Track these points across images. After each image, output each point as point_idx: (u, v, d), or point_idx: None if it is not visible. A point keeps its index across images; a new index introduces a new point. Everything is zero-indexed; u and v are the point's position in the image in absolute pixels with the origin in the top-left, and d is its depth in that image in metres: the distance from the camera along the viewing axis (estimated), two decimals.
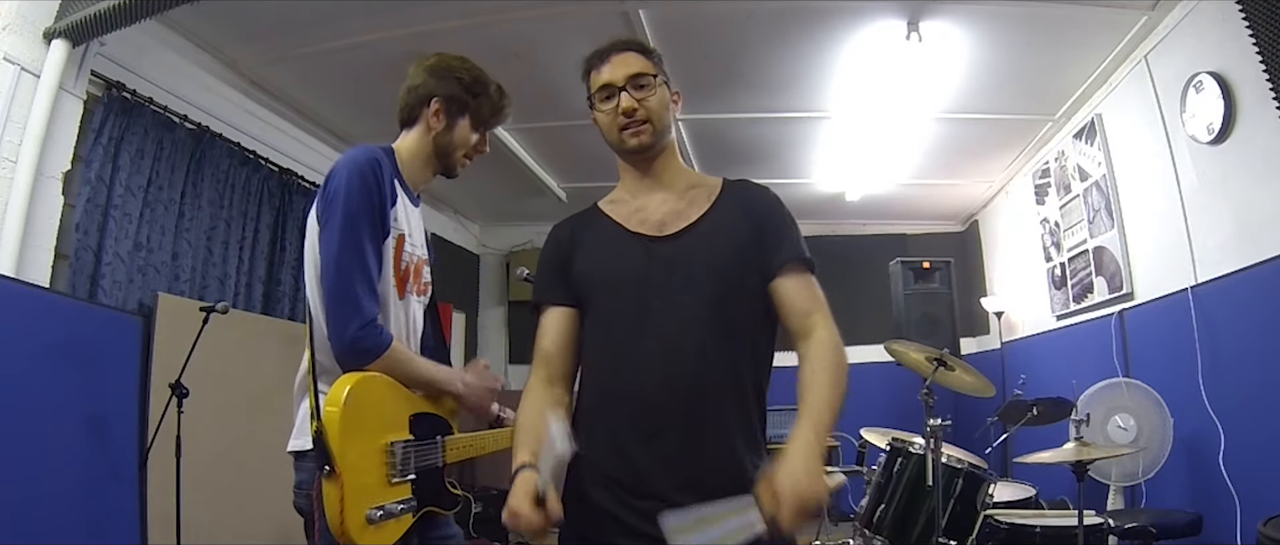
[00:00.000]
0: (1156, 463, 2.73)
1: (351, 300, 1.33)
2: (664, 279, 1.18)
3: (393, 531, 1.33)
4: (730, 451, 1.13)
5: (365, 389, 1.34)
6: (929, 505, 2.46)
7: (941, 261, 5.01)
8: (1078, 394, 2.94)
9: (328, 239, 1.36)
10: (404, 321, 1.48)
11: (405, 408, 1.44)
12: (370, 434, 1.33)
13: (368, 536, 1.28)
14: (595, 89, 1.25)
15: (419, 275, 1.54)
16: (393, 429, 1.38)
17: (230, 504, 2.94)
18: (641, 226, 1.24)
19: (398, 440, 1.37)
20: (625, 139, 1.23)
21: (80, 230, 2.62)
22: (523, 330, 6.28)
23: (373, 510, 1.29)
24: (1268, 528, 1.85)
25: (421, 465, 1.41)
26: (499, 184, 5.17)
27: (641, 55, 1.25)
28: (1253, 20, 2.13)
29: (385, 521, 1.31)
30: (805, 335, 1.17)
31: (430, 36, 3.18)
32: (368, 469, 1.31)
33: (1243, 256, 2.58)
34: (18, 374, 2.20)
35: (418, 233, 1.55)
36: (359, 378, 1.33)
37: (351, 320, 1.33)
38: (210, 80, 3.31)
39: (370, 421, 1.34)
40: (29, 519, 2.18)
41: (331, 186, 1.39)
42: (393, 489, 1.35)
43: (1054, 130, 4.05)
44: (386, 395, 1.40)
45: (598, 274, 1.24)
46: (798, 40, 3.15)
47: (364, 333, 1.34)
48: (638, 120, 1.21)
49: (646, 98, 1.21)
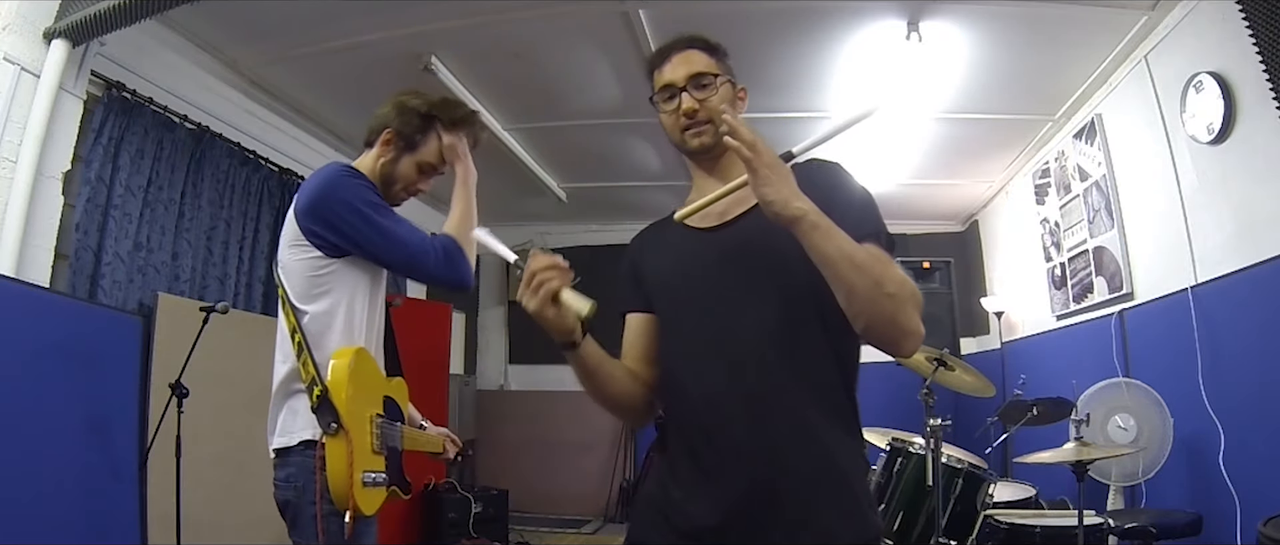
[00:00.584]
0: (1156, 463, 2.73)
1: (437, 253, 1.55)
2: (719, 272, 1.13)
3: (377, 498, 1.42)
4: (812, 456, 1.04)
5: (362, 360, 1.45)
6: (929, 505, 2.46)
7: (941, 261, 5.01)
8: (1078, 394, 2.94)
9: (373, 238, 1.49)
10: (377, 318, 1.60)
11: (381, 388, 1.55)
12: (364, 401, 1.43)
13: (364, 498, 1.36)
14: (657, 88, 1.22)
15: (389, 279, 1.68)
16: (374, 403, 1.48)
17: (230, 504, 2.94)
18: (703, 221, 1.18)
19: (378, 414, 1.47)
20: (687, 139, 1.19)
21: (80, 230, 2.62)
22: (523, 330, 6.29)
23: (367, 473, 1.37)
24: (1268, 528, 1.85)
25: (389, 443, 1.51)
26: (499, 184, 5.17)
27: (705, 52, 1.20)
28: (1253, 20, 2.13)
29: (373, 487, 1.39)
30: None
31: (430, 36, 3.18)
32: (363, 433, 1.41)
33: (1243, 256, 2.57)
34: (18, 374, 2.20)
35: None
36: (358, 349, 1.44)
37: (462, 268, 1.59)
38: (210, 80, 3.31)
39: (364, 390, 1.44)
40: (29, 519, 2.18)
41: (330, 201, 1.48)
42: (376, 458, 1.43)
43: (1054, 130, 4.05)
44: (372, 370, 1.52)
45: (658, 277, 1.22)
46: (798, 40, 3.15)
47: (467, 270, 1.59)
48: (699, 121, 1.17)
49: (708, 98, 1.17)
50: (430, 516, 4.32)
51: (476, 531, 4.36)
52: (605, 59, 3.41)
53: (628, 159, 4.69)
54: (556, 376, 6.07)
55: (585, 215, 5.94)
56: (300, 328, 1.47)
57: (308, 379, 1.43)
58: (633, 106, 3.89)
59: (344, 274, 1.51)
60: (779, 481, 1.03)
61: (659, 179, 4.96)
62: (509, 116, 4.09)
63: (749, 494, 1.04)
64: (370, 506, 1.39)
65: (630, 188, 5.19)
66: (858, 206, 1.10)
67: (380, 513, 1.47)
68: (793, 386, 1.05)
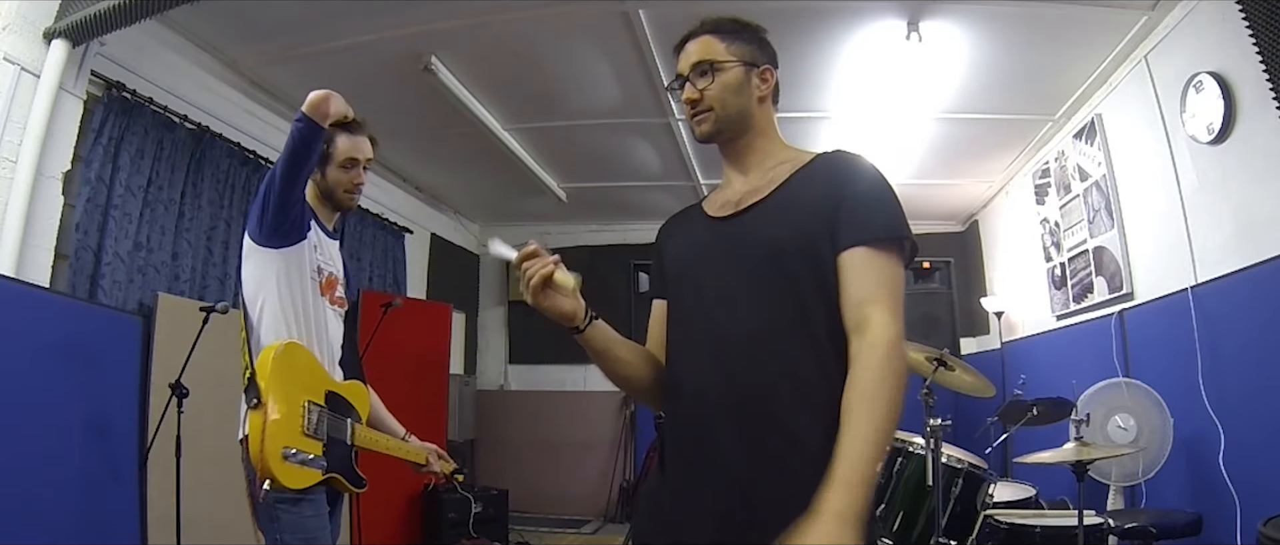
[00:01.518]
0: (1156, 463, 2.73)
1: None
2: (721, 262, 1.11)
3: (304, 477, 1.57)
4: (791, 457, 1.00)
5: (292, 351, 1.63)
6: (929, 505, 2.46)
7: (941, 261, 5.02)
8: (1078, 394, 2.94)
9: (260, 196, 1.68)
10: (315, 316, 1.73)
11: (323, 383, 1.71)
12: (292, 387, 1.59)
13: (282, 470, 1.52)
14: (675, 78, 1.23)
15: (333, 287, 1.82)
16: (310, 393, 1.64)
17: (230, 504, 2.93)
18: (721, 209, 1.18)
19: (314, 402, 1.63)
20: (693, 127, 1.21)
21: (80, 230, 2.62)
22: (522, 330, 6.29)
23: (288, 449, 1.53)
24: (1268, 528, 1.85)
25: (333, 433, 1.67)
26: (499, 184, 5.17)
27: (717, 36, 1.19)
28: (1253, 20, 2.13)
29: (298, 465, 1.55)
30: (858, 330, 1.00)
31: (430, 36, 3.18)
32: (287, 414, 1.56)
33: (1243, 256, 2.57)
34: (18, 374, 2.20)
35: (331, 257, 1.83)
36: (290, 341, 1.64)
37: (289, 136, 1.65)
38: (210, 80, 3.31)
39: (292, 377, 1.60)
40: (29, 519, 2.18)
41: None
42: (306, 440, 1.59)
43: (1054, 130, 4.05)
44: (308, 365, 1.68)
45: (673, 265, 1.22)
46: (798, 40, 3.15)
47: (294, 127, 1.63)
48: (700, 110, 1.18)
49: (707, 86, 1.17)
50: (430, 516, 4.32)
51: (476, 531, 4.36)
52: (605, 59, 3.41)
53: (628, 159, 4.69)
54: (556, 376, 6.08)
55: (585, 215, 5.94)
56: (247, 323, 1.68)
57: (243, 365, 1.63)
58: (633, 106, 3.90)
59: (265, 259, 1.68)
60: (762, 489, 1.00)
61: (659, 179, 4.96)
62: (509, 116, 4.09)
63: (732, 500, 1.02)
64: (291, 480, 1.53)
65: (630, 188, 5.19)
66: (865, 205, 1.06)
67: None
68: (782, 387, 1.02)
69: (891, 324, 0.99)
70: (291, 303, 1.68)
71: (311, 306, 1.72)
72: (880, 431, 0.94)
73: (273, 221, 1.64)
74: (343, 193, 1.82)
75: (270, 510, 1.53)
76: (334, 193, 1.82)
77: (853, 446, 0.92)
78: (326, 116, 1.61)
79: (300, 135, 1.57)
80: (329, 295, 1.80)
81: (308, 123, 1.57)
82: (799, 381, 1.02)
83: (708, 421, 1.06)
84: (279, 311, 1.67)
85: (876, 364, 0.97)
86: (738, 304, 1.07)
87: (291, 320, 1.68)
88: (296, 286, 1.69)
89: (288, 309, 1.68)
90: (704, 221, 1.20)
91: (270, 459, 1.49)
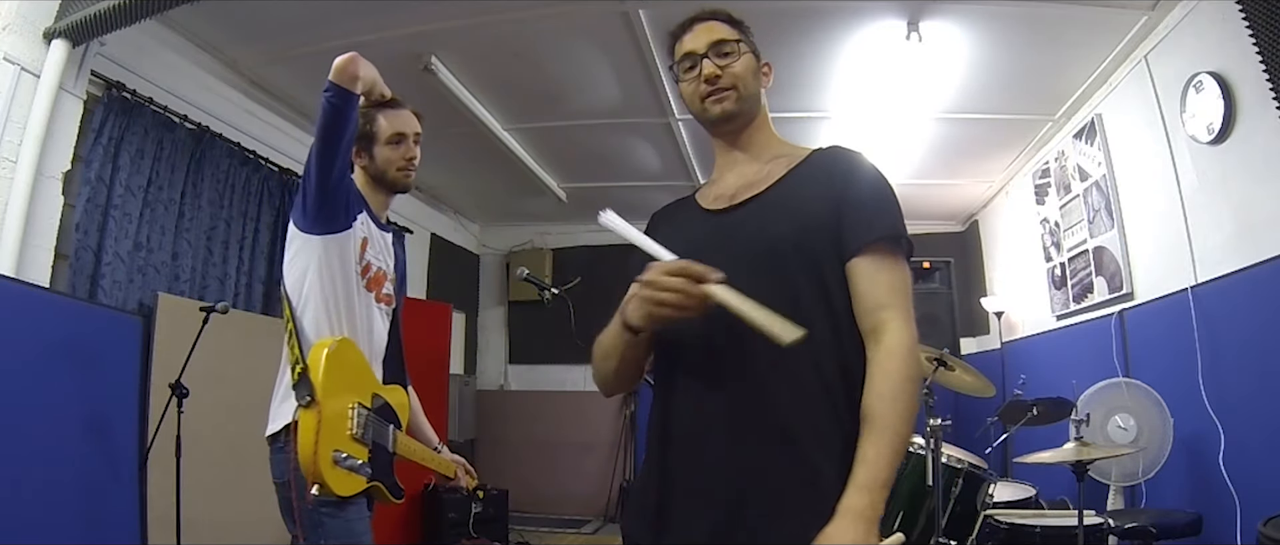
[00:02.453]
0: (1156, 463, 2.73)
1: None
2: (716, 257, 1.04)
3: (350, 484, 1.46)
4: (782, 455, 0.99)
5: (345, 348, 1.52)
6: (929, 505, 2.46)
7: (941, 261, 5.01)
8: (1078, 394, 2.93)
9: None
10: (360, 312, 1.63)
11: (371, 384, 1.61)
12: (344, 386, 1.49)
13: (331, 475, 1.41)
14: (678, 58, 1.19)
15: (380, 283, 1.71)
16: (359, 394, 1.54)
17: (230, 504, 2.94)
18: (715, 203, 1.15)
19: (363, 405, 1.53)
20: (708, 107, 1.15)
21: (80, 230, 2.62)
22: (523, 330, 6.29)
23: (338, 452, 1.43)
24: (1268, 528, 1.85)
25: (377, 438, 1.57)
26: (499, 184, 5.17)
27: (727, 24, 1.18)
28: (1253, 20, 2.13)
29: (347, 470, 1.44)
30: (874, 337, 1.00)
31: (430, 36, 3.18)
32: (338, 414, 1.46)
33: (1243, 256, 2.57)
34: (18, 374, 2.20)
35: (382, 252, 1.74)
36: (344, 338, 1.53)
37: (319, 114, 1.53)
38: (210, 80, 3.31)
39: (345, 376, 1.50)
40: (29, 519, 2.18)
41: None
42: (354, 445, 1.49)
43: (1054, 130, 4.05)
44: (358, 365, 1.58)
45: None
46: (798, 40, 3.15)
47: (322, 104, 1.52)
48: (721, 87, 1.14)
49: (730, 64, 1.14)
50: (430, 516, 4.32)
51: (476, 531, 4.36)
52: (605, 59, 3.41)
53: (628, 159, 4.69)
54: (556, 376, 6.08)
55: (585, 215, 5.92)
56: (292, 314, 1.56)
57: (293, 359, 1.50)
58: (633, 106, 3.90)
59: (307, 246, 1.57)
60: (753, 488, 0.99)
61: (659, 179, 4.96)
62: (509, 116, 4.09)
63: (723, 500, 1.00)
64: (341, 487, 1.43)
65: (630, 188, 5.18)
66: (869, 207, 1.06)
67: (373, 508, 1.51)
68: (777, 385, 1.00)
69: (906, 329, 1.00)
70: (334, 294, 1.57)
71: (356, 302, 1.61)
72: (899, 436, 0.95)
73: (314, 203, 1.52)
74: (396, 171, 1.71)
75: (314, 515, 1.44)
76: (386, 173, 1.71)
77: (874, 451, 0.94)
78: (355, 79, 1.48)
79: (330, 104, 1.46)
80: (375, 292, 1.69)
81: (335, 89, 1.46)
82: (794, 380, 1.01)
83: (700, 418, 1.05)
84: (322, 303, 1.56)
85: (894, 371, 0.97)
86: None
87: (333, 313, 1.57)
88: (339, 278, 1.58)
89: (329, 301, 1.57)
90: (699, 214, 1.18)
91: (322, 462, 1.39)
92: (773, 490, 0.98)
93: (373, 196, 1.73)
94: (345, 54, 1.48)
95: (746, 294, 0.98)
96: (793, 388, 1.01)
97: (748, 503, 0.99)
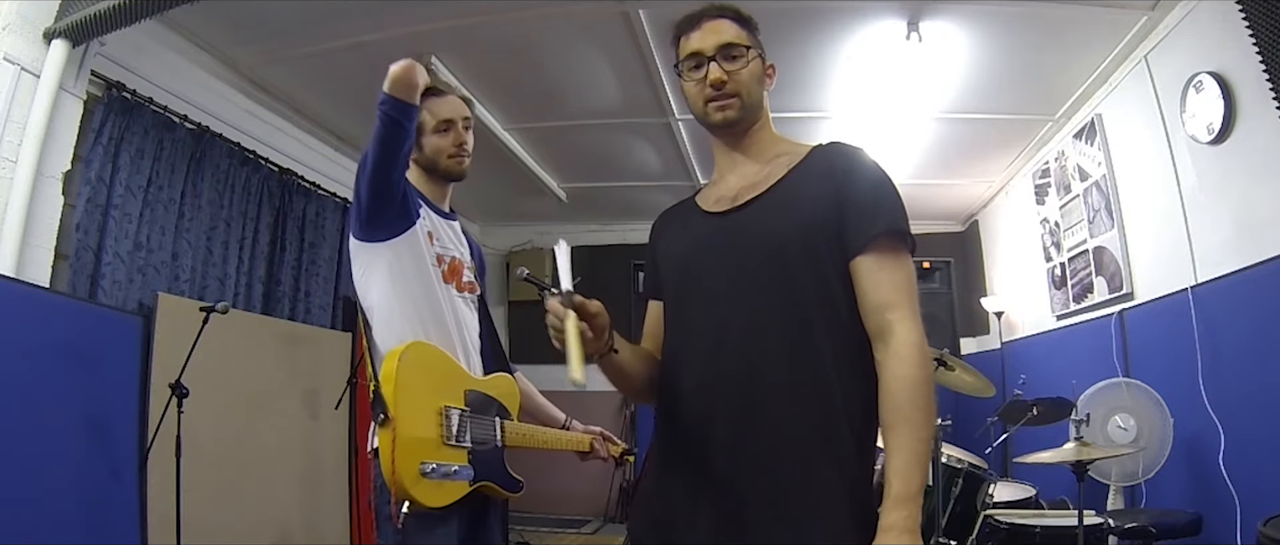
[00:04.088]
0: (1156, 463, 2.73)
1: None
2: (719, 259, 1.07)
3: (448, 492, 1.39)
4: (789, 456, 0.99)
5: (419, 351, 1.44)
6: (929, 505, 2.46)
7: (941, 261, 5.02)
8: (1078, 394, 2.94)
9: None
10: (446, 307, 1.57)
11: (460, 381, 1.53)
12: (424, 393, 1.42)
13: (421, 489, 1.34)
14: (683, 56, 1.16)
15: (458, 272, 1.65)
16: (447, 396, 1.46)
17: (230, 504, 2.94)
18: (717, 205, 1.14)
19: (453, 406, 1.45)
20: (711, 112, 1.13)
21: (80, 230, 2.61)
22: (523, 330, 6.27)
23: (426, 464, 1.35)
24: (1268, 528, 1.85)
25: (478, 437, 1.50)
26: (499, 184, 5.17)
27: (736, 23, 1.15)
28: (1253, 20, 2.13)
29: (441, 480, 1.37)
30: (881, 338, 1.00)
31: (430, 36, 3.18)
32: (422, 424, 1.39)
33: (1243, 256, 2.57)
34: (18, 374, 2.20)
35: (453, 240, 1.68)
36: (413, 342, 1.44)
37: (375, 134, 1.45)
38: (210, 80, 3.31)
39: (424, 382, 1.42)
40: (29, 519, 2.18)
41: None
42: (448, 450, 1.42)
43: (1054, 130, 4.05)
44: (441, 365, 1.50)
45: (667, 262, 1.18)
46: (798, 40, 3.15)
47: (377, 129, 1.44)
48: (726, 94, 1.11)
49: (737, 70, 1.11)
50: None
51: None
52: (605, 59, 3.41)
53: (628, 159, 4.69)
54: (556, 376, 5.96)
55: (585, 215, 5.94)
56: (366, 332, 1.50)
57: (370, 377, 1.45)
58: (633, 106, 3.90)
59: (373, 256, 1.50)
60: (759, 489, 0.99)
61: (659, 179, 4.96)
62: (509, 116, 4.09)
63: (729, 500, 1.01)
64: (432, 498, 1.36)
65: (630, 188, 5.19)
66: (870, 204, 1.05)
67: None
68: (781, 385, 1.00)
69: (914, 329, 0.99)
70: (411, 298, 1.50)
71: (439, 298, 1.55)
72: (923, 441, 0.96)
73: (370, 213, 1.45)
74: (447, 159, 1.65)
75: (398, 536, 1.38)
76: (437, 163, 1.65)
77: (903, 462, 0.94)
78: (414, 89, 1.39)
79: (388, 120, 1.37)
80: (455, 282, 1.62)
81: (393, 103, 1.36)
82: (797, 379, 1.01)
83: (706, 419, 1.04)
84: (398, 310, 1.49)
85: (907, 375, 0.97)
86: (736, 301, 1.05)
87: (412, 317, 1.49)
88: (413, 279, 1.51)
89: (407, 306, 1.49)
90: (700, 217, 1.17)
91: (406, 478, 1.32)
92: (775, 491, 0.98)
93: (429, 188, 1.68)
94: (401, 62, 1.37)
95: (750, 297, 1.01)
96: (796, 389, 1.01)
97: (750, 504, 0.99)
